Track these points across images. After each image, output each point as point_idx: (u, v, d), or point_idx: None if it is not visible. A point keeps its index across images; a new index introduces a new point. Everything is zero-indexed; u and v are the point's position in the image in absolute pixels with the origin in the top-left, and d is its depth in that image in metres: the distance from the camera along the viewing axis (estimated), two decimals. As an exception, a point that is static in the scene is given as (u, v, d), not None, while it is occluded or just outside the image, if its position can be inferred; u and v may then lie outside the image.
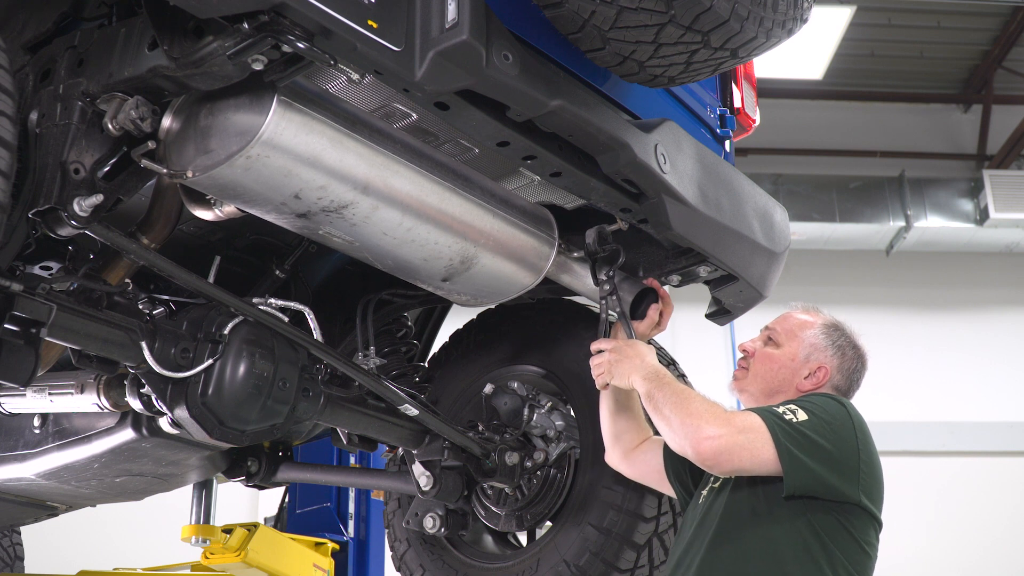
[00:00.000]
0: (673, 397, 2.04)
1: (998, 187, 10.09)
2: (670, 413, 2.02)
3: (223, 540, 3.79)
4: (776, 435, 1.92)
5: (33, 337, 1.69)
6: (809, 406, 2.01)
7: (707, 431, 1.94)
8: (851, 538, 1.94)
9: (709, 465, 1.96)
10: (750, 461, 1.92)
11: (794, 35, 1.91)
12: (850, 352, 2.25)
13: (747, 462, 1.93)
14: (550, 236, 2.29)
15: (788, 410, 1.99)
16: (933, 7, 9.46)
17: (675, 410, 2.01)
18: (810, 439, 1.93)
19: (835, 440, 1.95)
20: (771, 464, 1.92)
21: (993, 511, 9.96)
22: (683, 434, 1.97)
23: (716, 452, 1.92)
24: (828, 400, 2.07)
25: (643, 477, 2.38)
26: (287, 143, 1.72)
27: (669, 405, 2.03)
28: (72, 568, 3.98)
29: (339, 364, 2.25)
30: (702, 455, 1.94)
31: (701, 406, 2.01)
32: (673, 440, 2.02)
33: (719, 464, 1.94)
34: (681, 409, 2.01)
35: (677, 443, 2.01)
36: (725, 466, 1.95)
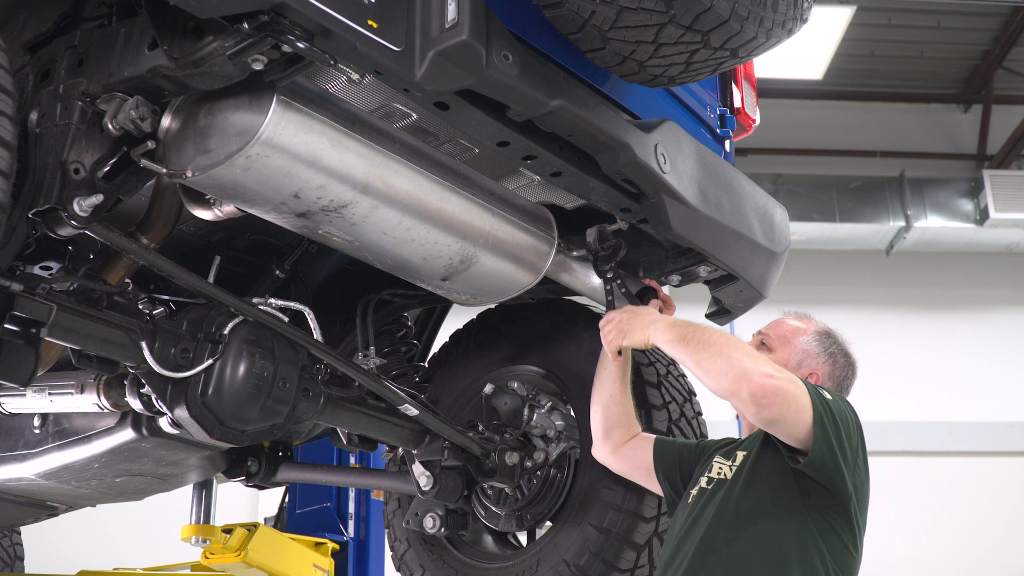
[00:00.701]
0: (716, 337, 2.00)
1: (998, 187, 10.09)
2: (716, 353, 1.96)
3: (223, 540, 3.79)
4: (815, 403, 1.90)
5: (33, 337, 1.69)
6: (828, 392, 2.02)
7: (764, 369, 1.90)
8: (838, 539, 1.95)
9: (761, 404, 1.88)
10: (795, 414, 1.88)
11: (794, 35, 1.91)
12: (841, 360, 2.26)
13: (792, 414, 1.88)
14: (550, 235, 2.29)
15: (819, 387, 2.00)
16: (933, 7, 9.47)
17: (722, 349, 1.96)
18: (836, 420, 1.93)
19: (846, 431, 1.96)
20: (806, 427, 1.89)
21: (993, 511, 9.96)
22: (736, 371, 1.91)
23: (772, 392, 1.87)
24: (839, 395, 2.08)
25: (630, 473, 2.39)
26: (286, 143, 1.72)
27: (713, 344, 1.98)
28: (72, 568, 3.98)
29: (339, 364, 2.25)
30: (757, 392, 1.87)
31: (749, 348, 1.98)
32: (719, 378, 1.94)
33: (769, 406, 1.87)
34: (729, 348, 1.96)
35: (726, 381, 1.92)
36: (773, 410, 1.88)
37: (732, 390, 1.92)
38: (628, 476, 2.41)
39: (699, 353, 2.00)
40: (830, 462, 1.90)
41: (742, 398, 1.90)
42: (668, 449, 2.33)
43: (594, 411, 2.42)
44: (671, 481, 2.28)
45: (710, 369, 1.97)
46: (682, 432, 2.60)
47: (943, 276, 10.89)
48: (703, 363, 1.99)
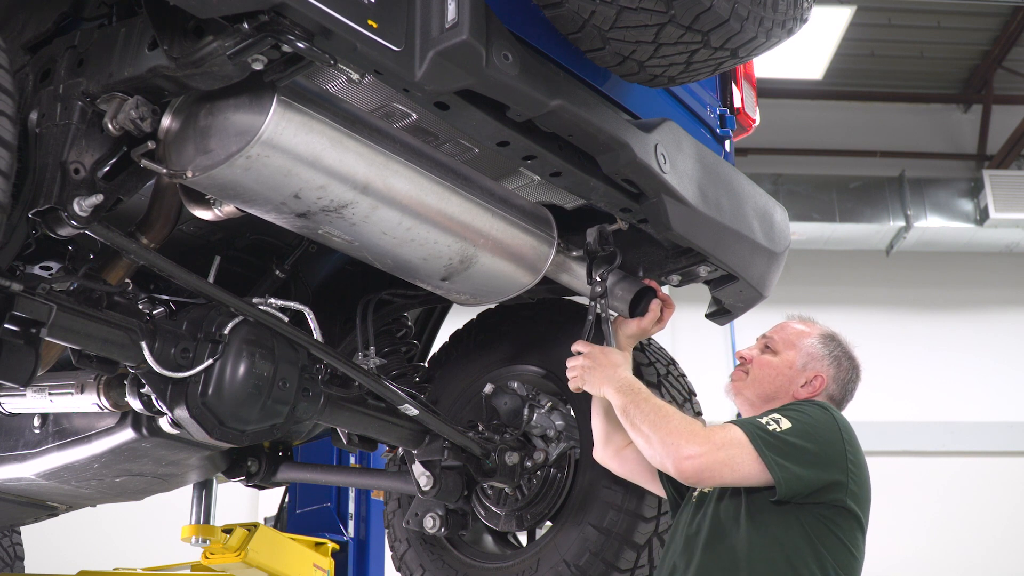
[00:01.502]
0: (650, 413, 2.07)
1: (998, 187, 10.09)
2: (648, 430, 2.04)
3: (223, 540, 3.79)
4: (759, 447, 1.95)
5: (33, 337, 1.69)
6: (793, 414, 2.05)
7: (687, 450, 1.96)
8: (838, 540, 1.96)
9: (692, 483, 2.00)
10: (731, 475, 1.96)
11: (794, 35, 1.91)
12: (846, 363, 2.27)
13: (729, 477, 1.96)
14: (549, 236, 2.29)
15: (771, 420, 2.03)
16: (933, 7, 9.47)
17: (653, 427, 2.04)
18: (794, 445, 1.96)
19: (821, 443, 1.98)
20: (756, 476, 1.95)
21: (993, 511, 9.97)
22: (663, 452, 2.00)
23: (697, 470, 1.95)
24: (812, 406, 2.11)
25: (633, 476, 2.39)
26: (287, 143, 1.72)
27: (647, 422, 2.06)
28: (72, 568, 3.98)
29: (339, 364, 2.25)
30: (684, 474, 1.97)
31: (680, 423, 2.04)
32: (652, 456, 2.05)
33: (701, 481, 1.98)
34: (660, 426, 2.03)
35: (657, 460, 2.03)
36: (707, 483, 1.99)
37: (662, 466, 2.05)
38: (631, 479, 2.41)
39: (637, 428, 2.08)
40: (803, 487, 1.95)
41: (676, 478, 2.01)
42: None
43: (595, 415, 2.42)
44: (674, 483, 2.28)
45: (644, 445, 2.07)
46: (682, 432, 2.59)
47: (943, 276, 10.89)
48: (639, 438, 2.09)
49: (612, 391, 2.17)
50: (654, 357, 2.70)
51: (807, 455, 1.95)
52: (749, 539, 1.95)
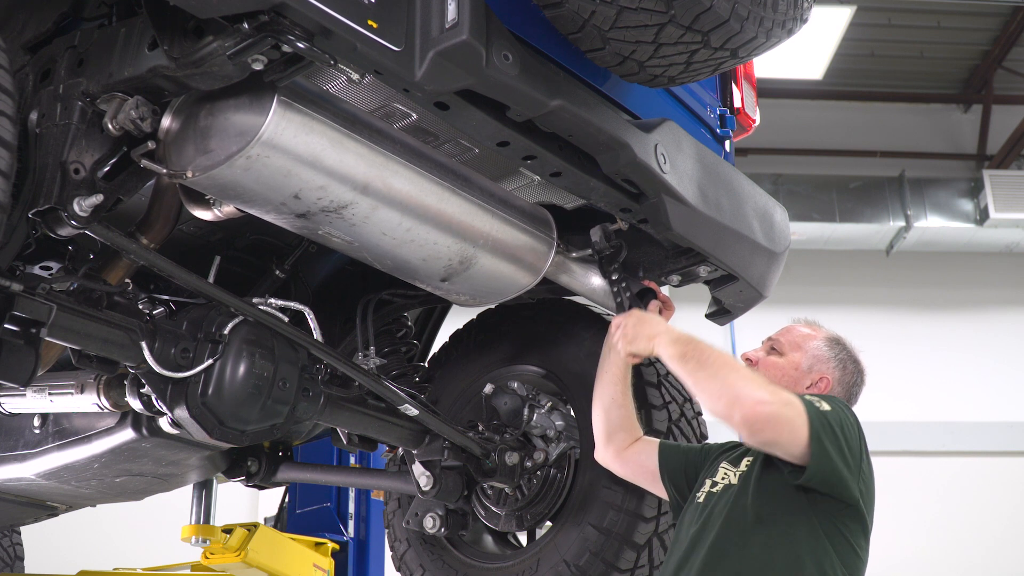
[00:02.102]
0: (714, 358, 2.00)
1: (998, 187, 10.09)
2: (712, 374, 1.97)
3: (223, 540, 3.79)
4: (812, 419, 1.90)
5: (33, 337, 1.69)
6: (829, 400, 2.02)
7: (757, 395, 1.90)
8: (846, 541, 1.96)
9: (753, 430, 1.90)
10: (789, 436, 1.89)
11: (794, 35, 1.91)
12: (851, 366, 2.27)
13: (786, 436, 1.89)
14: (549, 236, 2.29)
15: (815, 399, 2.00)
16: (933, 7, 9.46)
17: (718, 371, 1.97)
18: (834, 432, 1.93)
19: (849, 438, 1.97)
20: (801, 446, 1.89)
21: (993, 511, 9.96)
22: (729, 396, 1.92)
23: (765, 418, 1.88)
24: (839, 400, 2.08)
25: (634, 476, 2.38)
26: (287, 143, 1.72)
27: (711, 366, 1.99)
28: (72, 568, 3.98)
29: (339, 364, 2.25)
30: (750, 419, 1.88)
31: (746, 371, 1.99)
32: (717, 402, 1.95)
33: (762, 431, 1.89)
34: (726, 370, 1.96)
35: (719, 404, 1.94)
36: (766, 434, 1.90)
37: (725, 414, 1.94)
38: (632, 480, 2.40)
39: (696, 373, 2.02)
40: (831, 475, 1.91)
41: (734, 423, 1.92)
42: (673, 453, 2.33)
43: (596, 415, 2.42)
44: (676, 485, 2.28)
45: (705, 390, 2.00)
46: (682, 432, 2.60)
47: (943, 276, 10.88)
48: (699, 384, 2.01)
49: (666, 341, 2.11)
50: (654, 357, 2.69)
51: (840, 446, 1.93)
52: (758, 538, 1.94)
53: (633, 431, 2.39)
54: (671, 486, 2.29)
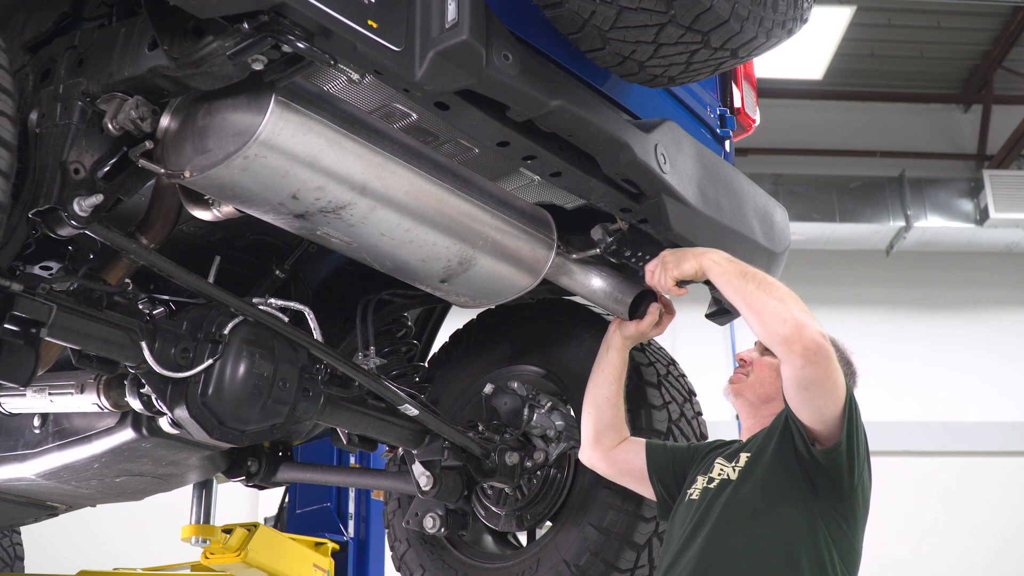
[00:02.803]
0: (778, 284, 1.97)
1: (998, 187, 10.10)
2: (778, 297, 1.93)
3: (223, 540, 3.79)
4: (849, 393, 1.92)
5: (33, 337, 1.69)
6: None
7: (815, 326, 1.88)
8: (845, 536, 1.97)
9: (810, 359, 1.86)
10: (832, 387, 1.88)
11: (794, 35, 1.91)
12: (844, 368, 2.26)
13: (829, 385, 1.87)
14: (549, 238, 2.28)
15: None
16: (933, 7, 9.47)
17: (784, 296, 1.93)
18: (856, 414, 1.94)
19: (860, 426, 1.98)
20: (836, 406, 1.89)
21: (993, 511, 9.97)
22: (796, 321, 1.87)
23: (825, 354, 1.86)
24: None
25: (621, 476, 2.38)
26: (285, 144, 1.72)
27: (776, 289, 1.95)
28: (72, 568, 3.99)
29: (339, 364, 2.25)
30: (811, 347, 1.85)
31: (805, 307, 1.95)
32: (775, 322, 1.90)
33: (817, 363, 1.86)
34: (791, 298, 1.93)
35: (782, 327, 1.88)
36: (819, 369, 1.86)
37: (784, 337, 1.87)
38: (618, 480, 2.40)
39: (758, 293, 1.96)
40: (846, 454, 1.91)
41: (793, 348, 1.86)
42: (660, 452, 2.33)
43: (586, 413, 2.42)
44: (665, 484, 2.28)
45: (766, 312, 1.93)
46: (682, 432, 2.60)
47: (943, 276, 10.89)
48: (760, 304, 1.95)
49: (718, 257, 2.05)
50: (654, 357, 2.70)
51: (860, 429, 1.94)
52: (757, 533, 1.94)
53: (622, 431, 2.39)
54: (659, 485, 2.29)
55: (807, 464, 1.95)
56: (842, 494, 1.95)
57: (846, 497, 1.96)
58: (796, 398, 1.94)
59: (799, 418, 1.95)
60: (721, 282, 2.05)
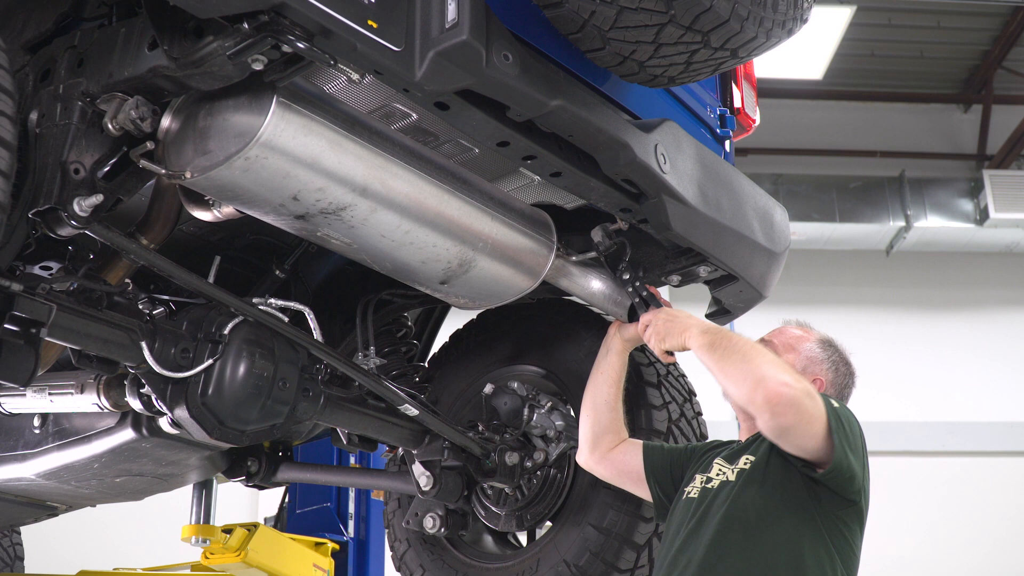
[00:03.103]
0: (741, 345, 2.03)
1: (998, 187, 10.10)
2: (739, 360, 1.98)
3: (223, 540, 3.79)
4: (830, 416, 1.92)
5: (33, 337, 1.69)
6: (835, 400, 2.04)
7: (782, 377, 1.91)
8: (847, 541, 1.97)
9: (775, 412, 1.89)
10: (806, 426, 1.89)
11: (794, 35, 1.91)
12: (843, 368, 2.28)
13: (804, 425, 1.89)
14: (548, 240, 2.28)
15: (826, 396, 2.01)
16: (933, 7, 9.47)
17: (745, 355, 1.98)
18: (844, 430, 1.94)
19: (857, 437, 1.98)
20: (817, 439, 1.90)
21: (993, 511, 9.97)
22: (754, 378, 1.92)
23: (787, 401, 1.88)
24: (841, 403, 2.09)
25: (618, 478, 2.38)
26: (285, 145, 1.71)
27: (738, 353, 2.00)
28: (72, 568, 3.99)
29: (339, 364, 2.25)
30: (772, 399, 1.88)
31: (772, 356, 2.00)
32: (737, 384, 1.96)
33: (783, 414, 1.89)
34: (753, 356, 1.98)
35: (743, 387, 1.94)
36: (787, 418, 1.89)
37: (748, 396, 1.93)
38: (615, 482, 2.40)
39: (723, 360, 2.02)
40: (846, 471, 1.92)
41: (757, 404, 1.91)
42: (657, 454, 2.33)
43: (585, 415, 2.42)
44: (662, 485, 2.28)
45: (730, 375, 1.99)
46: (682, 432, 2.60)
47: (943, 276, 10.89)
48: (725, 369, 2.01)
49: (696, 333, 2.12)
50: (654, 357, 2.69)
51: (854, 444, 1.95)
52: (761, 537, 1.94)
53: (620, 434, 2.39)
54: (656, 486, 2.29)
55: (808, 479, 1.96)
56: (846, 502, 1.96)
57: (851, 504, 1.96)
58: (778, 443, 1.97)
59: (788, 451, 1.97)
60: (698, 355, 2.12)
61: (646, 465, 2.31)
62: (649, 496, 2.33)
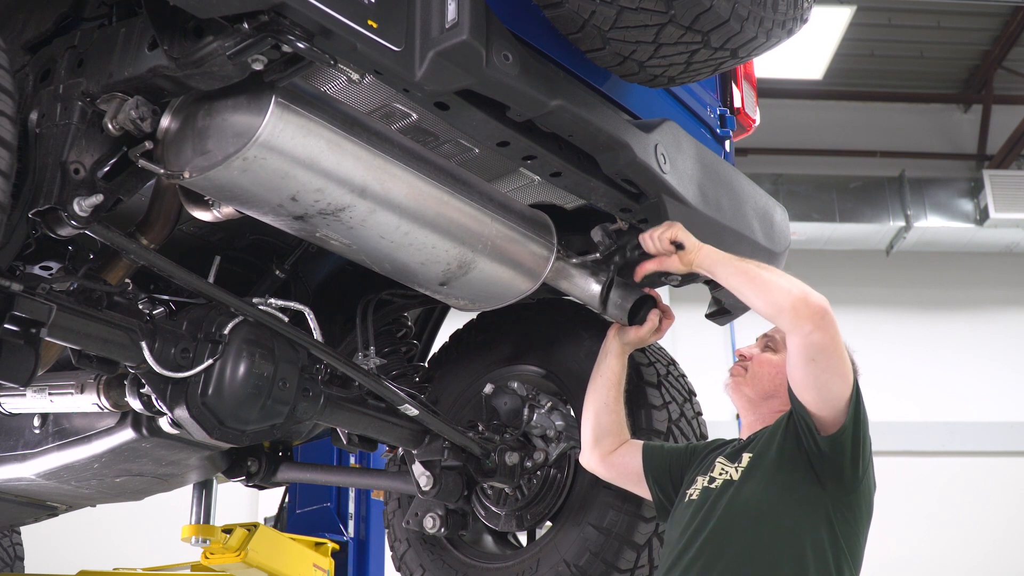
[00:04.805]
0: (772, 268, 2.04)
1: (998, 187, 10.10)
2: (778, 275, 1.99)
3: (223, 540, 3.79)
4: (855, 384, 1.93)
5: (33, 337, 1.69)
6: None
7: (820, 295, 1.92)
8: (852, 533, 1.97)
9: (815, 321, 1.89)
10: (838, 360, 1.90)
11: (794, 35, 1.91)
12: None
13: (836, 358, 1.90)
14: (548, 242, 2.28)
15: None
16: (933, 7, 9.47)
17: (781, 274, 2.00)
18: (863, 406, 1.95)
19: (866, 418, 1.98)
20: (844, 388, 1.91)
21: (993, 511, 9.97)
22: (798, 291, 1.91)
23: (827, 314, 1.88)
24: None
25: (619, 479, 2.38)
26: (284, 145, 1.71)
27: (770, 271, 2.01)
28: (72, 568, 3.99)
29: (339, 364, 2.25)
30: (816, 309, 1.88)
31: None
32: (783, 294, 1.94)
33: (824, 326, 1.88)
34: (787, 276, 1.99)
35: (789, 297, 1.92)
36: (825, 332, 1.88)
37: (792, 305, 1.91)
38: (616, 482, 2.40)
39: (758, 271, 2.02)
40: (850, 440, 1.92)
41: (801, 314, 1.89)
42: (657, 454, 2.33)
43: (586, 418, 2.41)
44: (661, 486, 2.28)
45: (769, 286, 1.97)
46: (682, 432, 2.60)
47: (943, 276, 10.89)
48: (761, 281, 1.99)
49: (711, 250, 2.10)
50: (654, 357, 2.69)
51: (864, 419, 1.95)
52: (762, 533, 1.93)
53: (621, 435, 2.39)
54: (656, 487, 2.29)
55: (813, 456, 1.95)
56: (850, 484, 1.95)
57: (854, 488, 1.95)
58: (803, 373, 1.94)
59: (804, 400, 1.95)
60: (720, 265, 2.08)
61: (645, 466, 2.31)
62: (649, 496, 2.33)
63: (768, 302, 1.99)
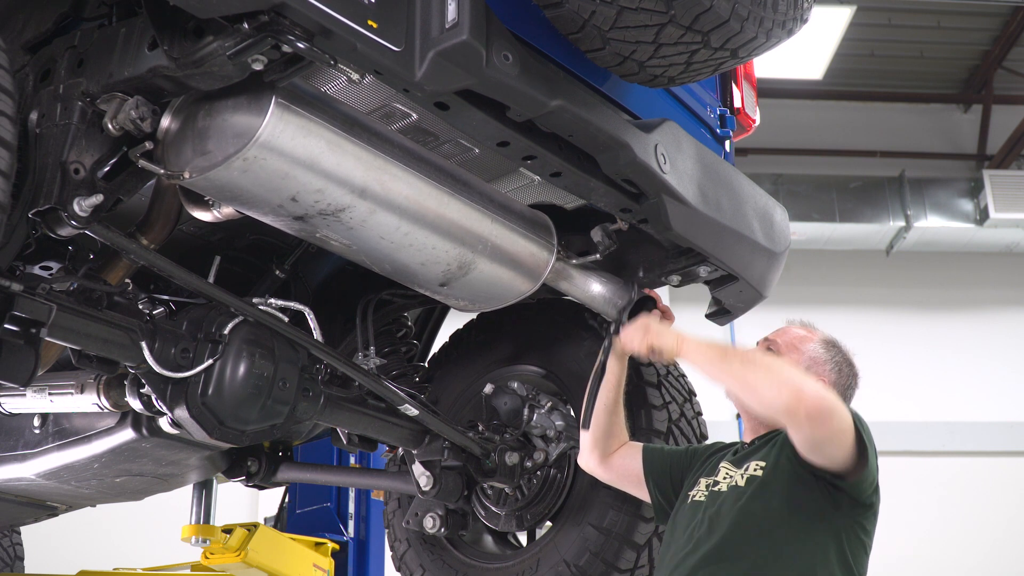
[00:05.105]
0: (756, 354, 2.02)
1: (998, 187, 10.09)
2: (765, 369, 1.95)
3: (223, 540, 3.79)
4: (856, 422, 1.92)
5: (33, 337, 1.69)
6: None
7: (818, 388, 1.89)
8: (861, 544, 1.98)
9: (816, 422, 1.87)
10: (840, 436, 1.88)
11: (794, 35, 1.90)
12: (846, 369, 2.26)
13: (839, 435, 1.88)
14: (549, 243, 2.28)
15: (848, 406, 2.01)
16: (933, 7, 9.47)
17: (771, 366, 1.97)
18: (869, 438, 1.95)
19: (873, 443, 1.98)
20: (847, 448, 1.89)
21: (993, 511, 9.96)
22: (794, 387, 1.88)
23: (828, 411, 1.86)
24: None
25: (618, 481, 2.38)
26: (284, 146, 1.71)
27: (761, 362, 1.99)
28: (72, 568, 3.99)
29: (339, 364, 2.25)
30: (814, 411, 1.85)
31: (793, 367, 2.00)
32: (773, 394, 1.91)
33: (823, 424, 1.87)
34: (778, 364, 1.97)
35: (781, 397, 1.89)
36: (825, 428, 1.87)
37: (787, 406, 1.88)
38: (615, 484, 2.40)
39: (744, 369, 1.99)
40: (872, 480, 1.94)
41: (797, 415, 1.88)
42: (657, 456, 2.33)
43: None
44: (661, 488, 2.28)
45: (759, 385, 1.95)
46: (682, 432, 2.60)
47: (943, 276, 10.88)
48: (750, 379, 1.97)
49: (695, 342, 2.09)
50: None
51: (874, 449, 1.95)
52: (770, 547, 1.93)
53: (621, 437, 2.39)
54: (655, 489, 2.29)
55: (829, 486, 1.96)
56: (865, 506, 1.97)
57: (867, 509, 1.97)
58: (809, 456, 1.95)
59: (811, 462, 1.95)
60: (704, 366, 2.07)
61: (646, 468, 2.31)
62: (648, 498, 2.33)
63: (760, 403, 1.98)
